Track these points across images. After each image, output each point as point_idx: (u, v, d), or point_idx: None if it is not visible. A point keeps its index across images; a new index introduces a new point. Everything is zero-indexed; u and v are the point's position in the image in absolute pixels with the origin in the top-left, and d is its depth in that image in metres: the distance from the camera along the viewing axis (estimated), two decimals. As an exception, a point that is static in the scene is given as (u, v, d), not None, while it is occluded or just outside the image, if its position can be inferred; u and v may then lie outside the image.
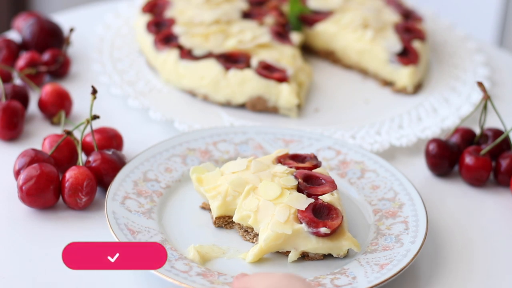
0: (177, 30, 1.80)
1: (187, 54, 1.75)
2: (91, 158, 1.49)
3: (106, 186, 1.48)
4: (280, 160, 1.45)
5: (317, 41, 1.90)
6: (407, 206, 1.45)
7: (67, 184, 1.43)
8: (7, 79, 1.70)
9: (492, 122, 1.67)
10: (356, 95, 1.81)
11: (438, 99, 1.78)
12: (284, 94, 1.70)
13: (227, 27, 1.81)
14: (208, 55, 1.75)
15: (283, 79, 1.72)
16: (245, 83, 1.71)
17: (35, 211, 1.45)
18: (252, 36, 1.79)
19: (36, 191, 1.42)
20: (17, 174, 1.47)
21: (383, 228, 1.43)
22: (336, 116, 1.74)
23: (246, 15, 1.87)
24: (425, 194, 1.52)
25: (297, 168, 1.43)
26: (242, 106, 1.73)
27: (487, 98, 1.57)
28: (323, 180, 1.42)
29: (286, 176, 1.41)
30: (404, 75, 1.79)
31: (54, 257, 1.35)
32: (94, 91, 1.49)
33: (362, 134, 1.66)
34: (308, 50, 1.92)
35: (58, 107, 1.64)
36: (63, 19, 1.94)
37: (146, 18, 1.85)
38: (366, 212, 1.46)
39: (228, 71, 1.72)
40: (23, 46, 1.81)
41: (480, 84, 1.56)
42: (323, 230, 1.34)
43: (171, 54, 1.75)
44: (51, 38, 1.80)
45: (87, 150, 1.54)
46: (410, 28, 1.87)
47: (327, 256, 1.38)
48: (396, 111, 1.75)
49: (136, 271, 1.34)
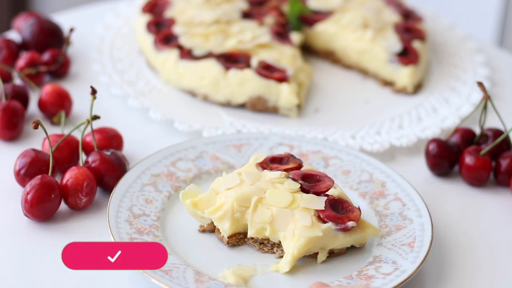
0: (177, 30, 1.80)
1: (187, 54, 1.75)
2: (90, 159, 1.48)
3: (106, 187, 1.48)
4: (263, 166, 1.44)
5: (317, 41, 1.90)
6: (389, 183, 1.48)
7: (67, 185, 1.43)
8: (7, 79, 1.70)
9: (492, 122, 1.67)
10: (356, 95, 1.81)
11: (438, 99, 1.78)
12: (284, 94, 1.70)
13: (227, 27, 1.81)
14: (208, 55, 1.75)
15: (283, 79, 1.72)
16: (245, 83, 1.71)
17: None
18: (252, 36, 1.79)
19: (42, 214, 1.43)
20: (17, 174, 1.47)
21: (381, 209, 1.45)
22: (336, 116, 1.74)
23: (246, 15, 1.87)
24: (425, 194, 1.52)
25: (285, 170, 1.43)
26: (242, 106, 1.73)
27: (487, 98, 1.56)
28: (318, 177, 1.42)
29: (285, 180, 1.40)
30: (404, 75, 1.79)
31: (54, 257, 1.35)
32: (94, 92, 1.48)
33: (362, 134, 1.66)
34: (308, 50, 1.92)
35: (58, 107, 1.64)
36: (63, 19, 1.94)
37: (146, 18, 1.85)
38: (352, 197, 1.45)
39: (228, 71, 1.72)
40: (23, 46, 1.81)
41: (480, 84, 1.56)
42: (350, 224, 1.36)
43: (171, 54, 1.75)
44: (51, 38, 1.80)
45: (87, 150, 1.54)
46: (410, 28, 1.86)
47: (349, 249, 1.39)
48: (396, 111, 1.75)
49: (136, 271, 1.34)
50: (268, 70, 1.73)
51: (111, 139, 1.55)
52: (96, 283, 1.33)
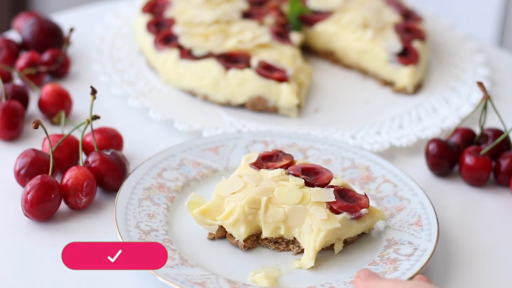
0: (177, 30, 1.80)
1: (187, 54, 1.75)
2: (90, 159, 1.48)
3: (106, 187, 1.48)
4: (258, 165, 1.44)
5: (317, 41, 1.90)
6: (372, 166, 1.51)
7: (67, 185, 1.43)
8: (7, 79, 1.70)
9: (492, 122, 1.67)
10: (356, 95, 1.81)
11: (438, 99, 1.78)
12: (284, 94, 1.70)
13: (227, 27, 1.81)
14: (208, 55, 1.75)
15: (283, 79, 1.72)
16: (245, 83, 1.71)
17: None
18: (252, 36, 1.79)
19: (42, 214, 1.42)
20: (17, 174, 1.47)
21: (374, 193, 1.47)
22: (336, 116, 1.74)
23: (246, 15, 1.87)
24: (425, 194, 1.52)
25: (281, 167, 1.43)
26: (242, 106, 1.73)
27: (487, 98, 1.56)
28: (316, 169, 1.43)
29: (288, 177, 1.41)
30: (404, 75, 1.79)
31: (54, 257, 1.35)
32: (94, 92, 1.48)
33: (362, 134, 1.66)
34: (308, 50, 1.92)
35: (58, 107, 1.64)
36: (63, 19, 1.94)
37: (146, 18, 1.85)
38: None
39: (228, 71, 1.72)
40: (23, 46, 1.81)
41: (480, 84, 1.56)
42: (363, 211, 1.37)
43: (171, 54, 1.75)
44: (51, 38, 1.80)
45: (87, 150, 1.54)
46: (410, 28, 1.87)
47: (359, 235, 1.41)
48: (396, 111, 1.75)
49: (136, 271, 1.34)
50: (268, 70, 1.73)
51: (111, 139, 1.55)
52: (96, 283, 1.33)
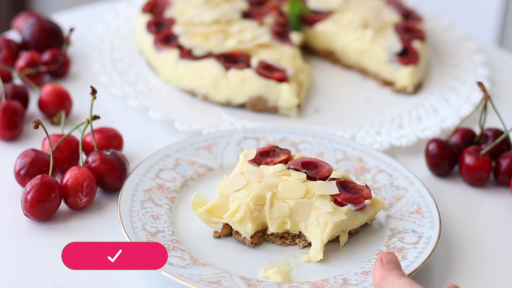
0: (177, 30, 1.80)
1: (187, 54, 1.75)
2: (90, 159, 1.48)
3: (106, 187, 1.48)
4: (257, 161, 1.44)
5: (317, 41, 1.90)
6: (365, 157, 1.53)
7: (67, 185, 1.43)
8: (7, 79, 1.70)
9: (492, 122, 1.67)
10: (356, 95, 1.81)
11: (438, 99, 1.78)
12: (284, 94, 1.70)
13: (227, 27, 1.81)
14: (208, 55, 1.75)
15: (283, 79, 1.72)
16: (245, 83, 1.71)
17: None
18: (252, 36, 1.79)
19: (42, 214, 1.43)
20: (17, 174, 1.47)
21: (370, 183, 1.48)
22: (336, 116, 1.74)
23: (246, 15, 1.87)
24: (425, 194, 1.52)
25: (280, 162, 1.44)
26: (242, 106, 1.73)
27: (487, 98, 1.56)
28: (315, 163, 1.44)
29: (289, 172, 1.41)
30: (404, 75, 1.79)
31: (54, 257, 1.35)
32: (94, 91, 1.48)
33: (362, 134, 1.66)
34: (308, 50, 1.92)
35: (58, 107, 1.64)
36: (63, 19, 1.94)
37: (146, 18, 1.85)
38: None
39: (228, 71, 1.72)
40: (23, 46, 1.81)
41: (480, 84, 1.56)
42: (367, 202, 1.38)
43: (171, 54, 1.75)
44: (51, 38, 1.80)
45: (87, 150, 1.54)
46: (410, 28, 1.86)
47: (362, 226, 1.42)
48: (396, 111, 1.75)
49: (136, 271, 1.34)
50: (268, 70, 1.73)
51: (111, 139, 1.55)
52: (96, 283, 1.33)
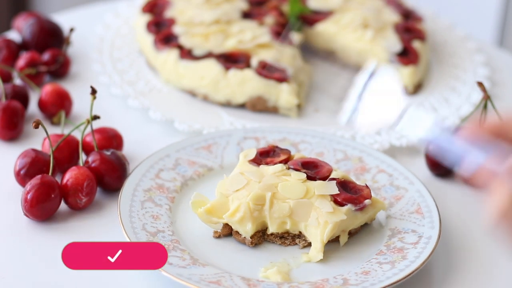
0: (177, 30, 1.80)
1: (187, 54, 1.75)
2: (90, 159, 1.48)
3: (106, 187, 1.48)
4: (257, 161, 1.44)
5: (317, 41, 1.90)
6: (365, 157, 1.53)
7: (67, 185, 1.43)
8: (7, 79, 1.70)
9: (492, 122, 1.67)
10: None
11: (438, 99, 1.78)
12: (284, 94, 1.70)
13: (227, 27, 1.81)
14: (208, 55, 1.75)
15: (283, 79, 1.72)
16: (245, 83, 1.71)
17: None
18: (252, 36, 1.79)
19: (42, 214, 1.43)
20: (17, 174, 1.47)
21: (370, 183, 1.48)
22: (336, 116, 1.73)
23: (246, 15, 1.87)
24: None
25: (280, 162, 1.44)
26: (242, 106, 1.73)
27: (487, 98, 1.56)
28: (315, 163, 1.44)
29: (289, 172, 1.41)
30: (404, 75, 1.79)
31: (54, 257, 1.35)
32: (94, 91, 1.49)
33: (362, 134, 1.66)
34: (308, 50, 1.92)
35: (58, 107, 1.64)
36: (63, 19, 1.94)
37: (146, 18, 1.85)
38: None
39: (228, 71, 1.72)
40: (23, 46, 1.81)
41: (480, 84, 1.56)
42: (367, 202, 1.38)
43: (171, 54, 1.75)
44: (51, 38, 1.80)
45: (87, 150, 1.54)
46: (410, 28, 1.86)
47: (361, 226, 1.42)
48: (396, 111, 1.74)
49: (136, 271, 1.34)
50: (268, 70, 1.73)
51: (111, 139, 1.55)
52: (96, 283, 1.33)
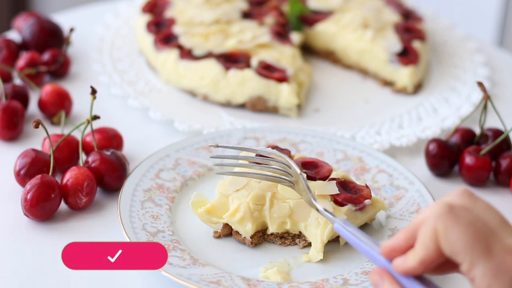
0: (177, 30, 1.80)
1: (187, 54, 1.75)
2: (90, 159, 1.48)
3: (106, 187, 1.48)
4: (256, 162, 1.44)
5: (317, 41, 1.90)
6: (365, 157, 1.53)
7: (67, 185, 1.43)
8: (7, 79, 1.70)
9: (492, 122, 1.67)
10: (356, 95, 1.81)
11: (438, 99, 1.78)
12: (284, 94, 1.70)
13: (227, 27, 1.81)
14: (208, 55, 1.75)
15: (283, 79, 1.72)
16: (245, 83, 1.71)
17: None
18: (252, 36, 1.79)
19: (42, 214, 1.42)
20: (17, 174, 1.47)
21: (370, 183, 1.48)
22: (336, 116, 1.74)
23: (246, 15, 1.87)
24: (425, 194, 1.52)
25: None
26: (242, 106, 1.73)
27: (487, 98, 1.56)
28: (315, 163, 1.44)
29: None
30: (404, 75, 1.79)
31: (54, 257, 1.35)
32: (94, 91, 1.49)
33: (362, 134, 1.66)
34: (308, 50, 1.92)
35: (58, 107, 1.64)
36: (63, 19, 1.94)
37: (146, 18, 1.85)
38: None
39: (228, 71, 1.72)
40: (23, 46, 1.81)
41: (480, 84, 1.56)
42: (367, 202, 1.38)
43: (171, 54, 1.75)
44: (51, 38, 1.80)
45: (87, 150, 1.54)
46: (410, 28, 1.87)
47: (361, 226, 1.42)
48: (396, 111, 1.75)
49: (136, 271, 1.34)
50: (268, 70, 1.73)
51: (111, 139, 1.55)
52: (96, 283, 1.33)
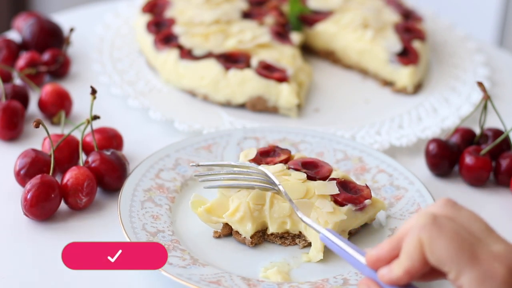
0: (177, 30, 1.80)
1: (187, 54, 1.75)
2: (90, 159, 1.48)
3: (106, 187, 1.48)
4: (257, 161, 1.44)
5: (317, 41, 1.90)
6: (365, 157, 1.53)
7: (67, 185, 1.43)
8: (7, 79, 1.70)
9: (492, 122, 1.67)
10: (356, 95, 1.81)
11: (438, 99, 1.78)
12: (284, 94, 1.70)
13: (227, 27, 1.81)
14: (208, 55, 1.75)
15: (283, 79, 1.72)
16: (245, 83, 1.71)
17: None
18: (252, 36, 1.79)
19: (41, 213, 1.42)
20: (17, 174, 1.47)
21: (370, 183, 1.48)
22: (336, 116, 1.74)
23: (246, 15, 1.87)
24: (425, 194, 1.52)
25: (280, 162, 1.44)
26: (242, 106, 1.73)
27: (487, 98, 1.56)
28: (315, 163, 1.44)
29: (289, 171, 1.41)
30: (404, 75, 1.79)
31: (54, 257, 1.35)
32: (94, 91, 1.49)
33: (362, 134, 1.66)
34: (308, 50, 1.92)
35: (58, 107, 1.64)
36: (63, 19, 1.94)
37: (146, 18, 1.85)
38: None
39: (228, 71, 1.72)
40: (23, 46, 1.81)
41: (480, 84, 1.56)
42: (367, 202, 1.38)
43: (171, 54, 1.75)
44: (51, 38, 1.80)
45: (87, 150, 1.54)
46: (410, 28, 1.87)
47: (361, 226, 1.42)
48: (396, 111, 1.75)
49: (136, 271, 1.34)
50: (268, 70, 1.73)
51: (111, 139, 1.55)
52: (96, 283, 1.33)
